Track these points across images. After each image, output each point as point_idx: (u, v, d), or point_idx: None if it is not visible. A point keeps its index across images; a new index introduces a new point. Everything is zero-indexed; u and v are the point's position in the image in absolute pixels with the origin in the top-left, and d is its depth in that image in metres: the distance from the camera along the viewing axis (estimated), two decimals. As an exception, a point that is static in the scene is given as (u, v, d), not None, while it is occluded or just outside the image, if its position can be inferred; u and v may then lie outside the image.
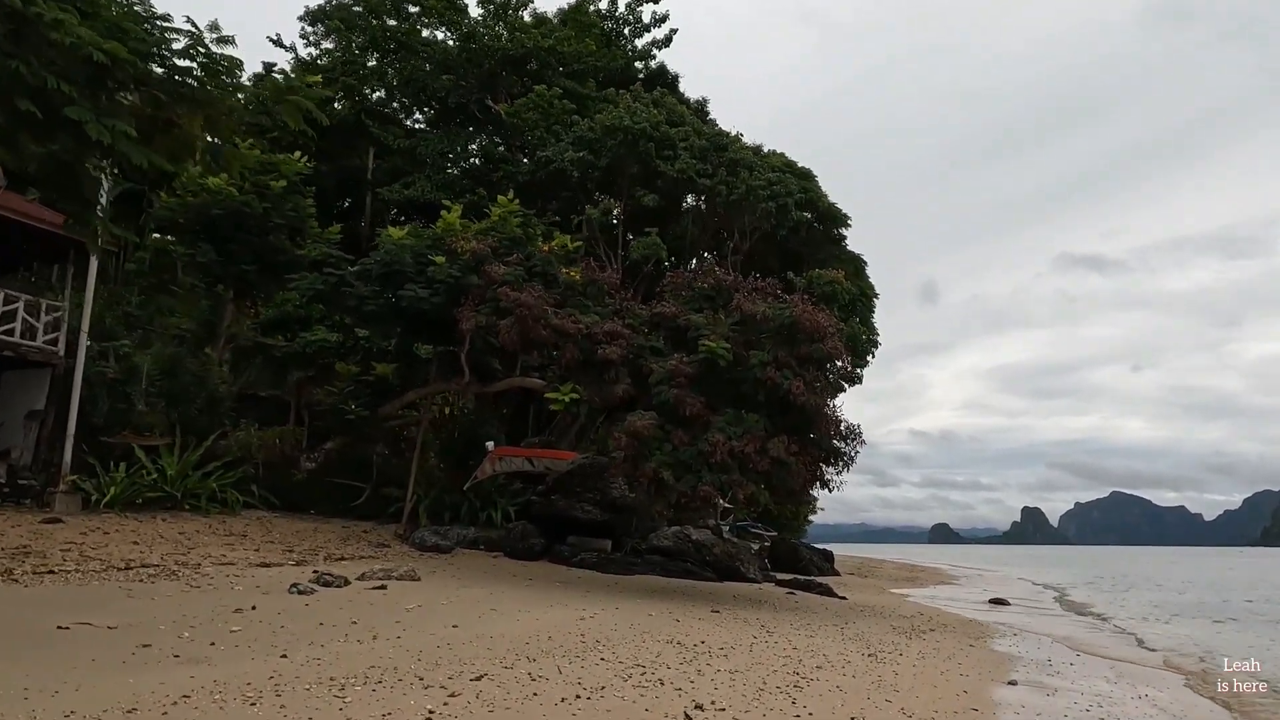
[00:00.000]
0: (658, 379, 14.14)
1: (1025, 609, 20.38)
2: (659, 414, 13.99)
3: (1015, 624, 15.64)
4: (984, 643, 12.33)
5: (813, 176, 26.02)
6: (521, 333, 14.20)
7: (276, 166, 19.50)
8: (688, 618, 11.41)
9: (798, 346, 14.07)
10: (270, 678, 5.86)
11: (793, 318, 13.90)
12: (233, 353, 20.98)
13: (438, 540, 18.30)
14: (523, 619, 9.87)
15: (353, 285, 17.40)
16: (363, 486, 21.10)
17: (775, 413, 14.13)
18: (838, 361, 14.45)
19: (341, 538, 17.68)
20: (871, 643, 10.79)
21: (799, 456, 13.81)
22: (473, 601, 11.09)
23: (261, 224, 18.97)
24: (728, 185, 21.50)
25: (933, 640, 11.81)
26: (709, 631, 10.29)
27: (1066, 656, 11.59)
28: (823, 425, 13.96)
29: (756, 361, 13.87)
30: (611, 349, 14.03)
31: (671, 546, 19.83)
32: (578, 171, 21.77)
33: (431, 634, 8.24)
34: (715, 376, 14.47)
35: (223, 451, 18.20)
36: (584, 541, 20.14)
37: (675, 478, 13.47)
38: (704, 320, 14.86)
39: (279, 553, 15.14)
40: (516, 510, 20.82)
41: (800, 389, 13.47)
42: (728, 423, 13.97)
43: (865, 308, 28.74)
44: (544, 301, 14.45)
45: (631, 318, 15.25)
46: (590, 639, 8.78)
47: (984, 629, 14.26)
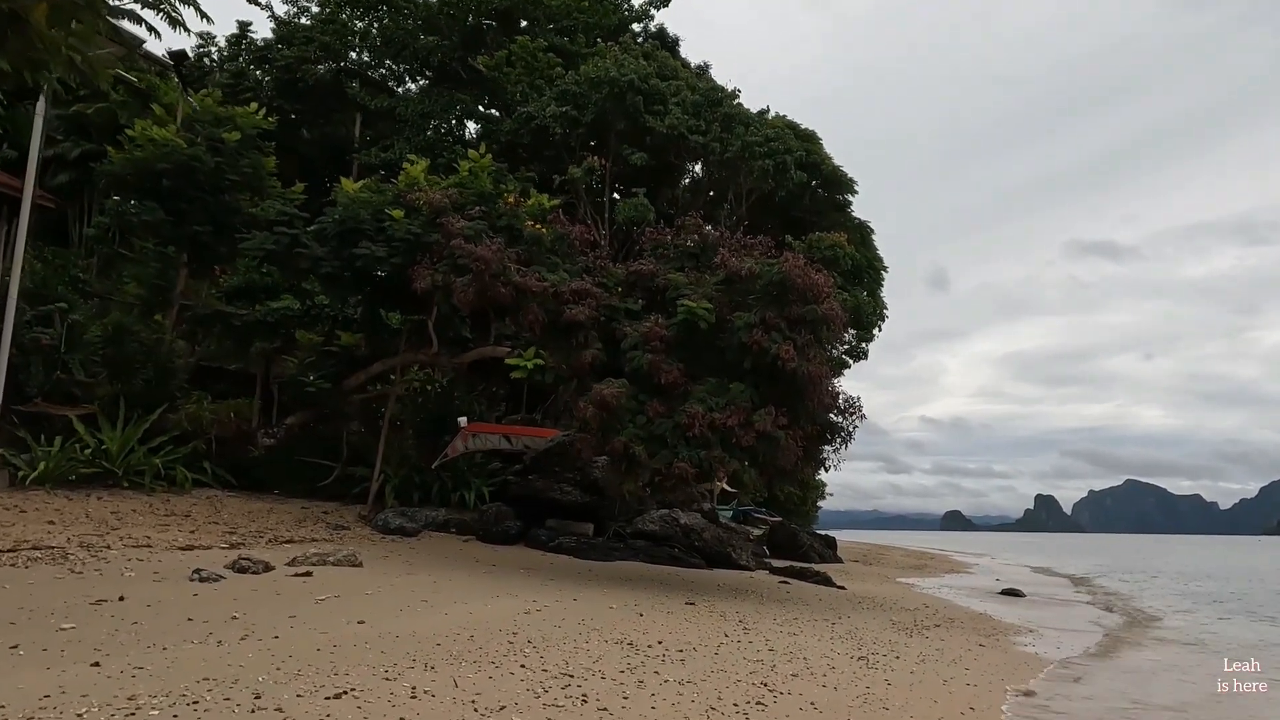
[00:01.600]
0: (630, 343, 12.64)
1: (1041, 600, 18.83)
2: (631, 382, 12.50)
3: (1031, 618, 14.12)
4: (995, 641, 10.83)
5: (817, 138, 24.34)
6: (479, 291, 12.71)
7: (232, 119, 18.01)
8: (655, 611, 9.95)
9: (788, 307, 12.52)
10: (46, 695, 4.43)
11: (782, 274, 12.35)
12: (191, 322, 19.60)
13: (403, 522, 16.93)
14: (453, 613, 8.44)
15: (307, 246, 15.95)
16: (332, 466, 19.74)
17: (763, 381, 12.61)
18: (835, 326, 12.87)
19: (297, 519, 16.32)
20: (865, 642, 9.30)
21: (789, 430, 12.30)
22: (405, 591, 9.67)
23: (214, 181, 17.49)
24: (721, 142, 19.88)
25: (936, 638, 10.32)
26: (674, 628, 8.84)
27: (1089, 656, 10.08)
28: (816, 396, 12.42)
29: (741, 323, 12.35)
30: (578, 309, 12.52)
31: (658, 531, 18.42)
32: (560, 128, 20.19)
33: (324, 633, 6.82)
34: (696, 341, 12.96)
35: (171, 425, 16.85)
36: (564, 525, 18.76)
37: (648, 453, 11.99)
38: (685, 279, 13.34)
39: (217, 535, 13.79)
40: (493, 491, 19.43)
41: (789, 354, 11.93)
42: (709, 392, 12.47)
43: (873, 280, 27.12)
44: (505, 257, 12.95)
45: (605, 277, 13.73)
46: (521, 639, 7.33)
47: (995, 624, 12.75)
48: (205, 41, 28.54)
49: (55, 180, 22.38)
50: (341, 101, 27.67)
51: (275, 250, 16.02)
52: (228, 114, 18.22)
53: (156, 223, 17.24)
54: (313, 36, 27.04)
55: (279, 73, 26.85)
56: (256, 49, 27.53)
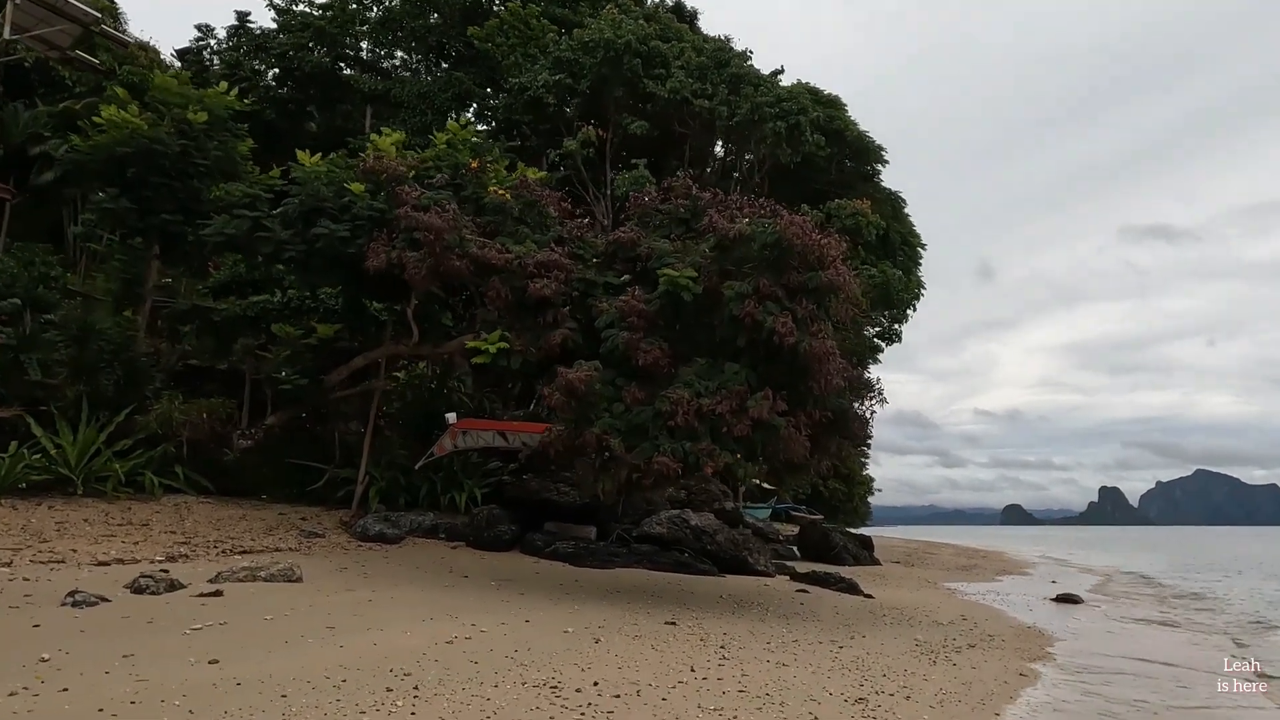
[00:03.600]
0: (606, 320, 10.99)
1: (1106, 609, 16.64)
2: (607, 365, 10.85)
3: (1090, 632, 12.09)
4: (1041, 666, 8.92)
5: (840, 104, 22.40)
6: (432, 267, 11.19)
7: (201, 100, 16.81)
8: (618, 636, 8.29)
9: (787, 274, 10.75)
10: None
11: (778, 235, 10.56)
12: (169, 318, 18.55)
13: (384, 528, 15.54)
14: (351, 644, 6.90)
15: (270, 229, 14.63)
16: (324, 468, 18.49)
17: (761, 362, 10.86)
18: (844, 295, 11.04)
19: (268, 527, 15.04)
20: (871, 674, 7.51)
21: (791, 418, 10.53)
22: (322, 614, 8.17)
23: (180, 165, 16.32)
24: (729, 105, 18.08)
25: (967, 665, 8.46)
26: (629, 661, 7.17)
27: (1166, 695, 8.12)
28: (822, 377, 10.61)
29: (732, 294, 10.60)
30: (544, 283, 10.91)
31: (665, 534, 16.74)
32: (554, 98, 18.62)
33: (143, 680, 5.32)
34: (683, 317, 11.26)
35: (138, 428, 15.72)
36: (564, 529, 17.20)
37: (626, 447, 10.33)
38: (670, 247, 11.64)
39: (166, 546, 12.53)
40: (487, 493, 17.95)
41: (787, 327, 10.16)
42: (698, 375, 10.76)
43: (908, 257, 25.05)
44: (462, 227, 11.40)
45: (581, 248, 12.10)
46: (409, 684, 5.75)
47: (1044, 642, 10.78)
48: (204, 34, 27.73)
49: (42, 178, 21.60)
50: (342, 89, 26.58)
51: (235, 235, 14.73)
52: (196, 95, 17.04)
53: (121, 212, 16.11)
54: (310, 23, 25.98)
55: (275, 61, 25.86)
56: (254, 38, 26.57)
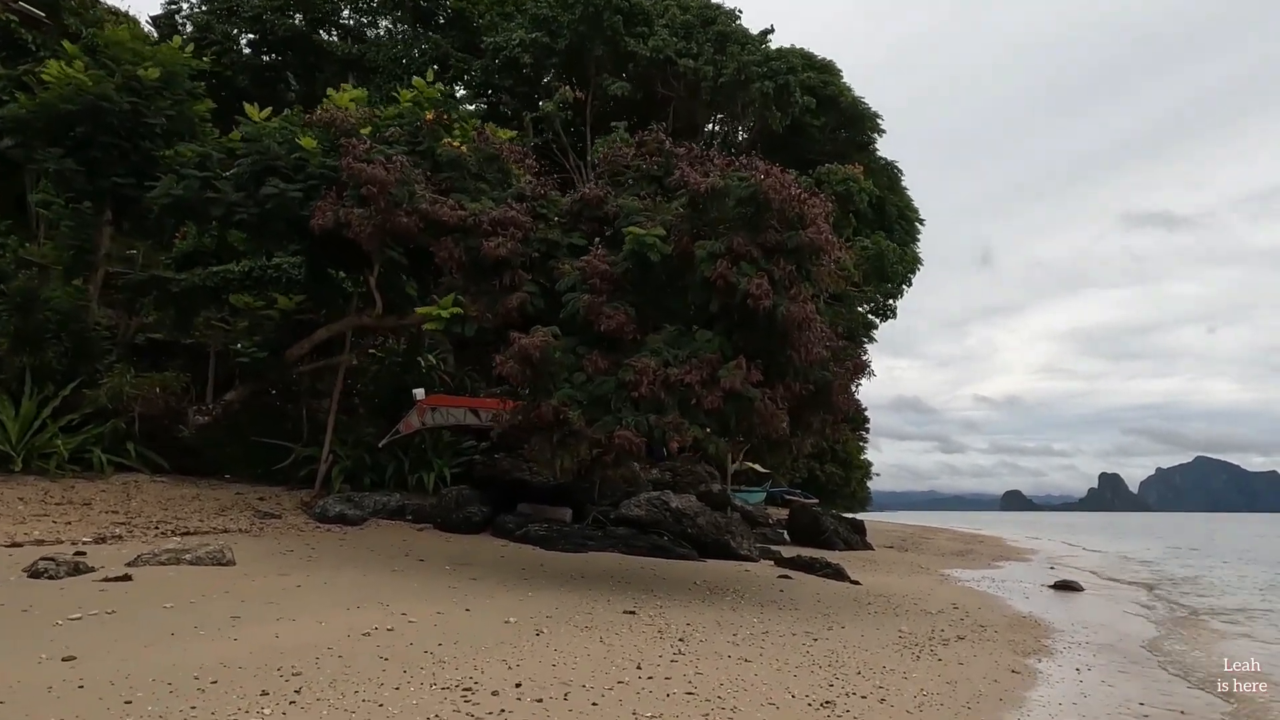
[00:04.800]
0: (567, 283, 10.09)
1: (1105, 596, 15.83)
2: (568, 331, 9.98)
3: (1089, 623, 11.26)
4: (1037, 661, 8.08)
5: (835, 69, 21.33)
6: (379, 224, 10.28)
7: (154, 56, 15.82)
8: (564, 628, 7.45)
9: (763, 233, 9.83)
10: None
11: (753, 188, 9.64)
12: (126, 289, 17.65)
13: (345, 509, 14.72)
14: (249, 637, 6.05)
15: (221, 190, 13.72)
16: (290, 447, 17.65)
17: (736, 329, 9.97)
18: (826, 257, 10.13)
19: (221, 507, 14.22)
20: (845, 671, 6.67)
21: (768, 389, 9.65)
22: (234, 601, 7.32)
23: (131, 125, 15.38)
24: (715, 65, 17.08)
25: (954, 660, 7.62)
26: (569, 657, 6.33)
27: (1169, 697, 7.29)
28: (802, 345, 9.72)
29: (704, 254, 9.70)
30: (499, 242, 9.99)
31: (644, 516, 15.89)
32: (531, 58, 17.61)
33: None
34: (652, 280, 10.37)
35: (86, 402, 14.88)
36: (539, 510, 16.36)
37: (587, 420, 9.46)
38: (639, 204, 10.73)
39: (105, 526, 11.71)
40: (458, 473, 17.15)
41: (761, 289, 9.26)
42: (667, 343, 9.88)
43: (905, 231, 24.10)
44: (412, 181, 10.48)
45: (545, 206, 11.19)
46: (292, 686, 4.91)
47: (1040, 632, 9.95)
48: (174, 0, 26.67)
49: (1, 144, 20.64)
50: (319, 55, 25.57)
51: (183, 197, 13.79)
52: (150, 51, 16.07)
53: (67, 174, 15.18)
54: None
55: (249, 25, 24.83)
56: (226, 1, 25.53)
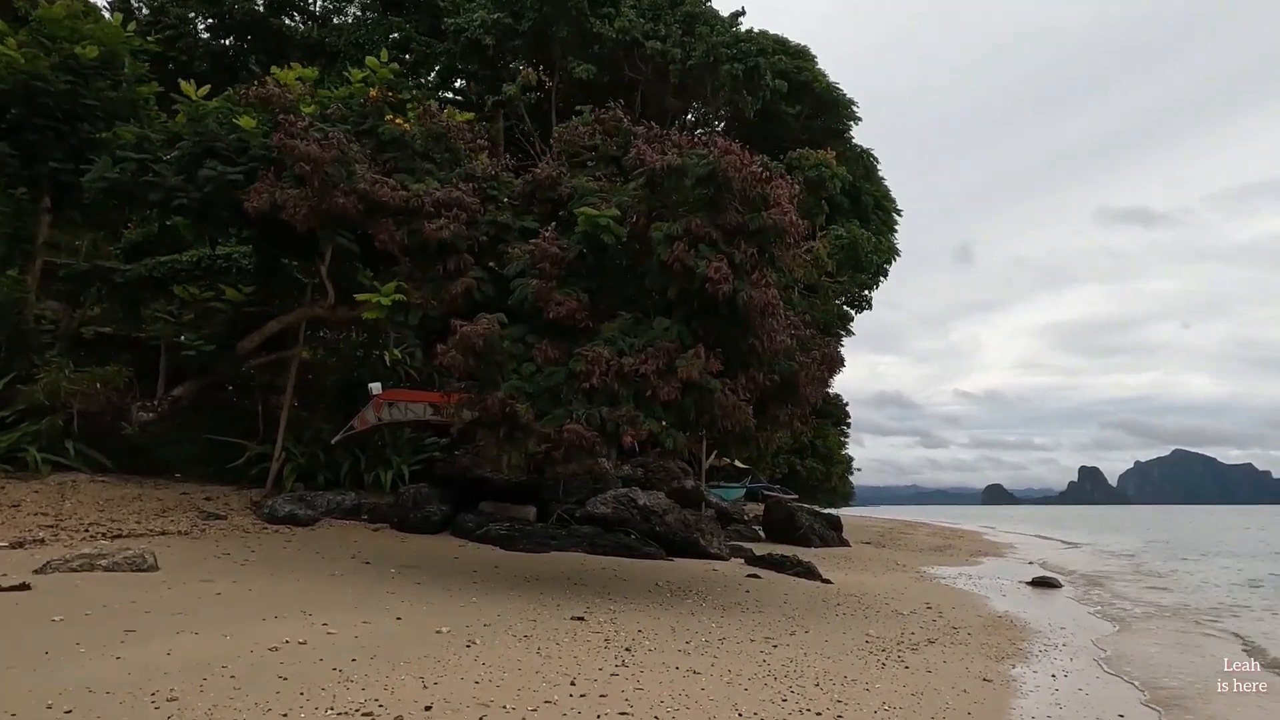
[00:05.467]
0: (516, 268, 9.50)
1: (1084, 592, 15.43)
2: (517, 319, 9.39)
3: (1067, 623, 10.81)
4: (1010, 668, 7.58)
5: (809, 55, 20.86)
6: (314, 205, 9.64)
7: (93, 34, 15.04)
8: (504, 637, 6.87)
9: (724, 214, 9.28)
10: None
11: (712, 166, 9.08)
12: (69, 280, 16.88)
13: (295, 509, 14.07)
14: (140, 654, 5.44)
15: (160, 174, 12.99)
16: (244, 444, 16.94)
17: (697, 316, 9.42)
18: (790, 240, 9.59)
19: (163, 508, 13.51)
20: (802, 683, 6.13)
21: (730, 380, 9.11)
22: (136, 613, 6.69)
23: (68, 107, 14.62)
24: (683, 47, 16.52)
25: (921, 668, 7.11)
26: (498, 671, 5.75)
27: (1150, 709, 6.81)
28: (764, 333, 9.18)
29: (660, 236, 9.14)
30: (442, 224, 9.38)
31: (610, 514, 15.35)
32: (494, 39, 16.97)
33: None
34: (607, 265, 9.80)
35: (20, 398, 14.13)
36: (502, 509, 15.79)
37: (536, 413, 8.88)
38: (594, 185, 10.15)
39: (28, 529, 11.03)
40: (418, 471, 16.51)
41: (721, 273, 8.71)
42: (623, 331, 9.31)
43: (882, 221, 23.66)
44: (352, 160, 9.85)
45: (496, 187, 10.58)
46: (165, 714, 4.31)
47: (1016, 634, 9.47)
48: (131, -19, 25.76)
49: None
50: (280, 40, 24.78)
51: (119, 181, 13.06)
52: (90, 29, 15.29)
53: (1, 158, 14.40)
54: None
55: (206, 8, 24.00)
56: (181, -17, 24.68)
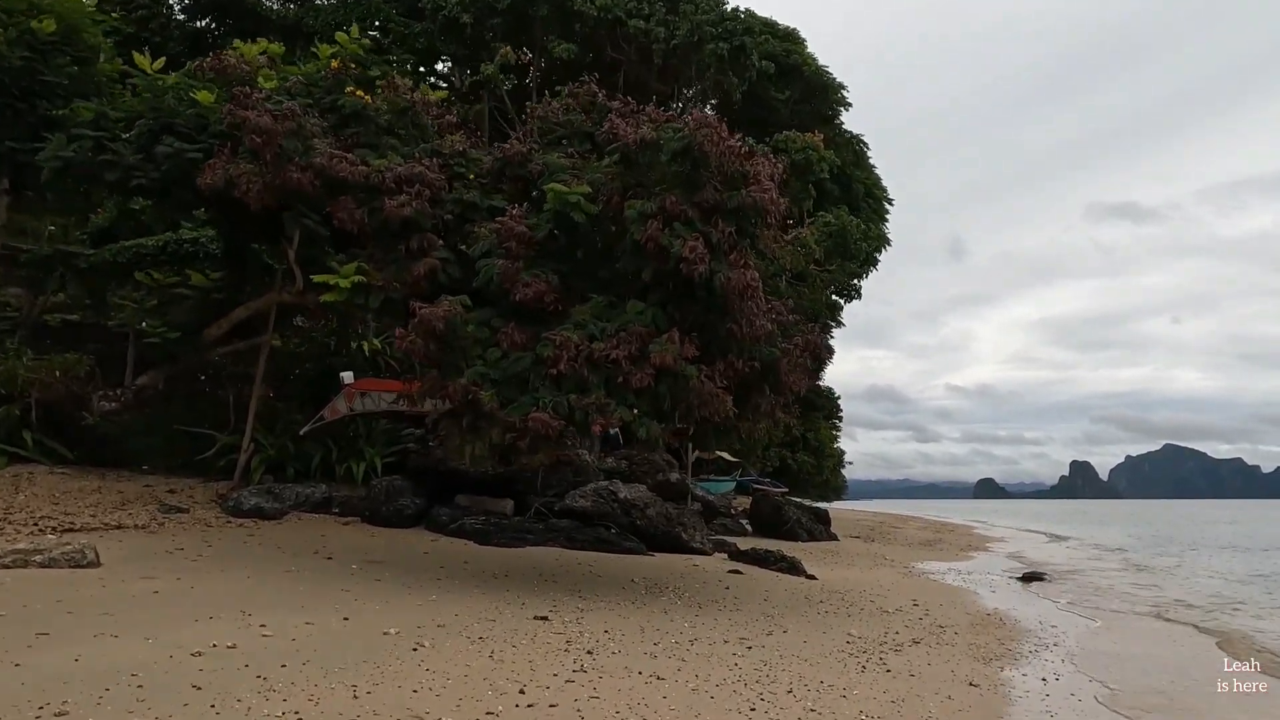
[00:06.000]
0: (481, 248, 9.01)
1: (1076, 588, 15.05)
2: (482, 302, 8.91)
3: (1058, 621, 10.40)
4: (999, 673, 7.15)
5: (799, 38, 20.37)
6: (268, 181, 9.12)
7: (52, 7, 14.45)
8: (457, 639, 6.40)
9: (701, 191, 8.80)
10: None
11: (687, 140, 8.59)
12: (29, 266, 16.30)
13: (261, 502, 13.56)
14: (42, 661, 4.96)
15: (117, 152, 12.45)
16: (215, 435, 16.40)
17: (673, 300, 8.95)
18: (771, 219, 9.11)
19: (122, 501, 12.99)
20: (773, 689, 5.68)
21: (707, 366, 8.64)
22: (57, 613, 6.21)
23: (26, 84, 14.05)
24: (667, 26, 16.03)
25: (903, 672, 6.67)
26: (441, 678, 5.29)
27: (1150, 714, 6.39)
28: (743, 316, 8.71)
29: (634, 214, 8.65)
30: (402, 201, 8.88)
31: (590, 508, 14.88)
32: (472, 17, 16.44)
33: None
34: (579, 245, 9.34)
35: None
36: (479, 502, 15.31)
37: (502, 401, 8.40)
38: (566, 162, 9.65)
39: (-28, 523, 10.49)
40: (391, 462, 16.01)
41: (696, 253, 8.23)
42: (594, 315, 8.83)
43: (873, 209, 23.24)
44: (309, 134, 9.33)
45: (464, 165, 10.08)
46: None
47: (1005, 633, 9.05)
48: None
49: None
50: (257, 21, 24.17)
51: (74, 160, 12.50)
52: (47, 2, 14.69)
53: (-50, 137, 13.84)
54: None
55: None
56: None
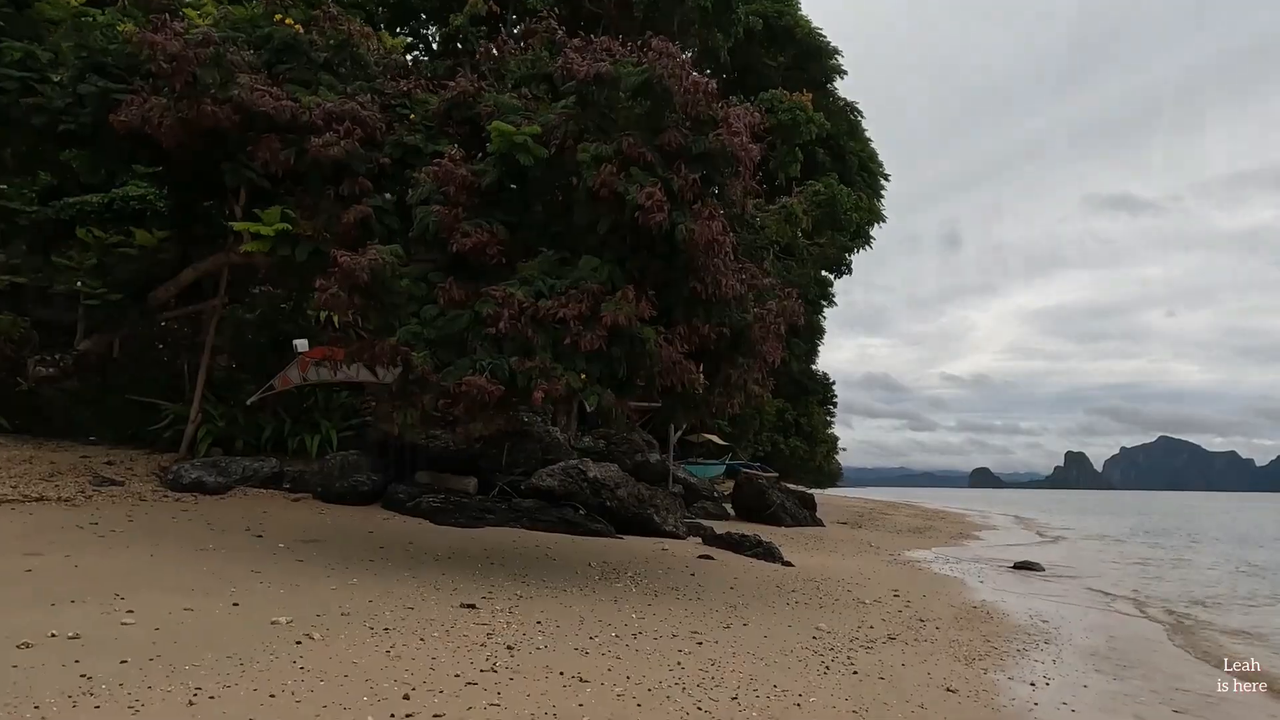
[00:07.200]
0: (420, 195, 8.10)
1: (1068, 579, 14.27)
2: (418, 253, 8.01)
3: (1050, 614, 9.58)
4: (982, 673, 6.32)
5: None
6: (183, 117, 8.19)
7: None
8: (355, 630, 5.55)
9: (664, 134, 7.88)
10: None
11: (646, 74, 7.67)
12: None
13: (203, 475, 12.69)
14: None
15: (44, 94, 11.48)
16: (165, 405, 15.52)
17: (629, 254, 8.06)
18: (743, 167, 8.20)
19: (52, 472, 12.12)
20: (717, 692, 4.84)
21: (668, 329, 7.77)
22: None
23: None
24: (648, -25, 15.10)
25: (872, 674, 5.83)
26: (317, 680, 4.44)
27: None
28: (708, 274, 7.82)
29: (586, 157, 7.73)
30: (329, 140, 7.95)
31: (557, 487, 14.03)
32: (441, -35, 15.50)
33: None
34: (529, 195, 8.41)
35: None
36: (441, 479, 14.45)
37: (435, 364, 7.51)
38: (517, 103, 8.72)
39: None
40: (348, 437, 15.15)
41: (654, 200, 7.33)
42: (544, 270, 7.94)
43: (867, 183, 22.30)
44: (227, 64, 8.39)
45: (408, 105, 9.15)
46: None
47: (991, 629, 8.22)
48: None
49: None
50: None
51: (0, 103, 11.54)
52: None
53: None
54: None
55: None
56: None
